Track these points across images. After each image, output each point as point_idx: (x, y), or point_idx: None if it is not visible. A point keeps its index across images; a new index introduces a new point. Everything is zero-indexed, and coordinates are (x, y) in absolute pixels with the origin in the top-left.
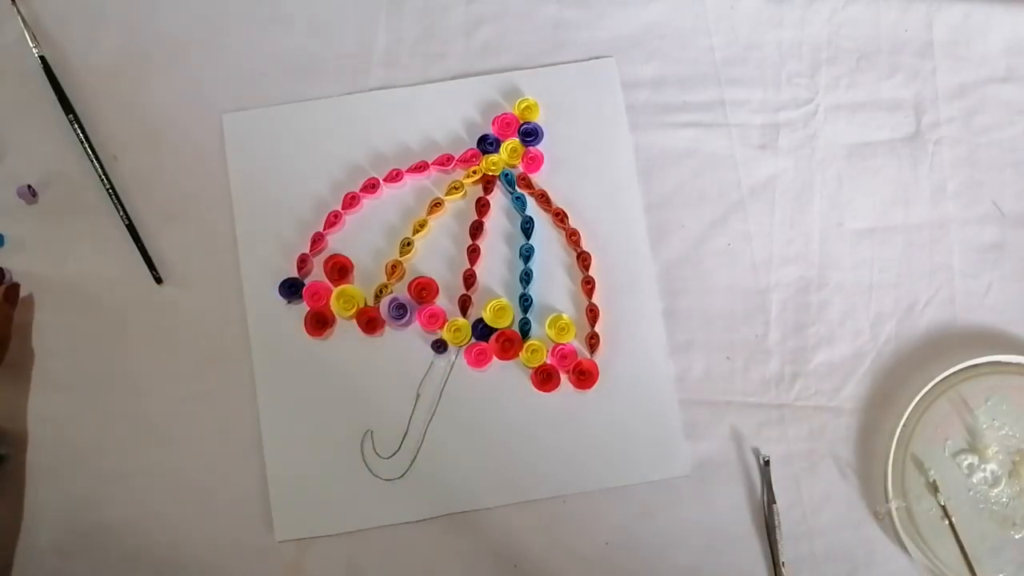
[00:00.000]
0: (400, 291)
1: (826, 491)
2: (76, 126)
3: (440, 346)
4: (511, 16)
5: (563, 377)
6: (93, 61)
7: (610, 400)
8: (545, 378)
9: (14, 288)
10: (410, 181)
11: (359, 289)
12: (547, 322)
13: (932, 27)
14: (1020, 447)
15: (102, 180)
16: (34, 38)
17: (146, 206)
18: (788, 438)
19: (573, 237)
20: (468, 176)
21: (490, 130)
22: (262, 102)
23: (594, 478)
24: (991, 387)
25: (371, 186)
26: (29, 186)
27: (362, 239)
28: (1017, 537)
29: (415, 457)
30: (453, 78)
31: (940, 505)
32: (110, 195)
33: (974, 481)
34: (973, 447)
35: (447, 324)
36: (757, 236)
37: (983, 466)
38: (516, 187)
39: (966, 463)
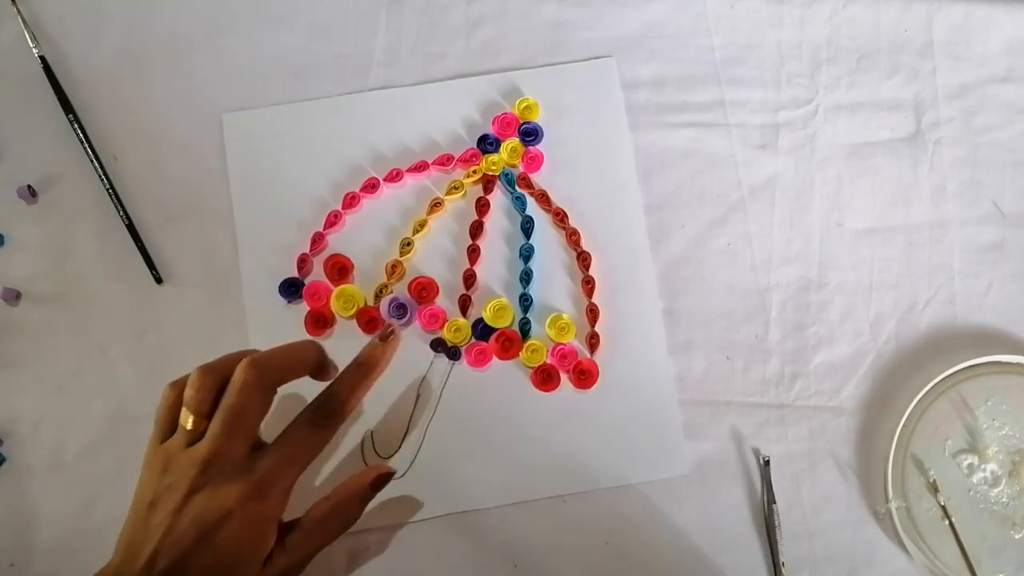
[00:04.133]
0: (400, 291)
1: (826, 491)
2: (76, 126)
3: (440, 346)
4: (511, 16)
5: (563, 377)
6: (93, 61)
7: (610, 400)
8: (545, 378)
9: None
10: (410, 181)
11: (359, 289)
12: (547, 322)
13: (932, 27)
14: (1020, 447)
15: (102, 180)
16: (34, 38)
17: (146, 206)
18: (788, 438)
19: (573, 237)
20: (468, 176)
21: (490, 130)
22: (262, 102)
23: (594, 478)
24: (991, 387)
25: (371, 186)
26: (29, 186)
27: (362, 239)
28: (1017, 537)
29: (415, 457)
30: (453, 78)
31: (940, 505)
32: (110, 195)
33: (974, 481)
34: (973, 447)
35: (447, 324)
36: (757, 236)
37: (983, 466)
38: (516, 187)
39: (966, 463)
